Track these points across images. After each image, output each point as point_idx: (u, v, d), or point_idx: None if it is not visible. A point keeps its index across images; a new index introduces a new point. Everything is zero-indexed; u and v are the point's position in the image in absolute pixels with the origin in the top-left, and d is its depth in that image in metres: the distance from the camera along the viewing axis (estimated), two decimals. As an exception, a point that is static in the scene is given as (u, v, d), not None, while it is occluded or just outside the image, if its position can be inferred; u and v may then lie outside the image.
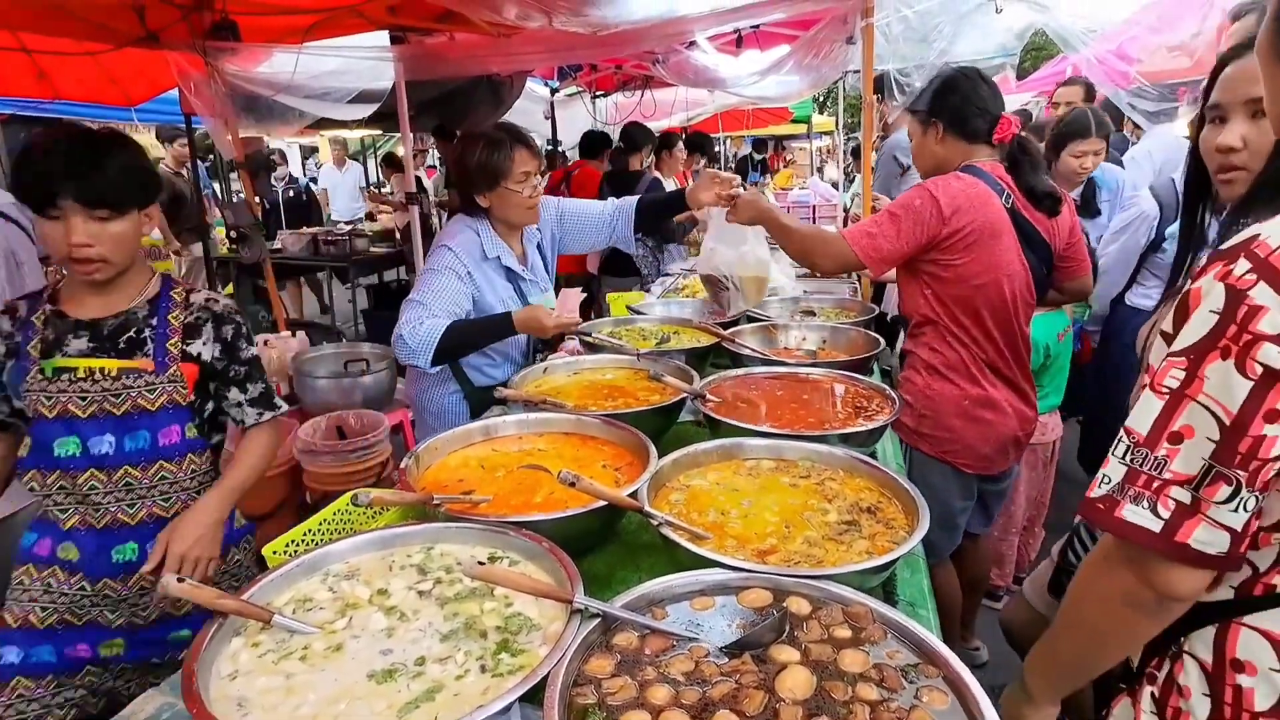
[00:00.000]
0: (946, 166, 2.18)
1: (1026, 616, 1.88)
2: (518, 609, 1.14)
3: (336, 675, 1.02)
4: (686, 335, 2.72)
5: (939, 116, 2.19)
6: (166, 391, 1.62)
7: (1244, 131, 1.20)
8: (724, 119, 10.28)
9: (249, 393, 1.77)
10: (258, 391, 1.78)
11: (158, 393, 1.61)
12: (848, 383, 2.10)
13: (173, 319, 1.66)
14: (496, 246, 2.29)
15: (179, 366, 1.64)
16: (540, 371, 2.28)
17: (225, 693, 0.98)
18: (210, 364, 1.71)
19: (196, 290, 1.74)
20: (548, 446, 1.78)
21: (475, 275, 2.24)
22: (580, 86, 7.74)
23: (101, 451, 1.59)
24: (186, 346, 1.66)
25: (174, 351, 1.63)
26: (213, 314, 1.72)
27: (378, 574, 1.25)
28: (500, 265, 2.30)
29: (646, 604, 1.11)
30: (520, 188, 2.21)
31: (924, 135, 2.24)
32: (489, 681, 0.99)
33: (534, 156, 2.24)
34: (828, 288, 3.71)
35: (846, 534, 1.35)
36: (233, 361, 1.74)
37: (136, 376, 1.58)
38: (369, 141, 14.22)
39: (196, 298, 1.73)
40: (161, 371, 1.61)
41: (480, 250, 2.27)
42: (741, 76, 5.36)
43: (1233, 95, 1.22)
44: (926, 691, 0.95)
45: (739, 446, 1.67)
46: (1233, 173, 1.23)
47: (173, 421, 1.65)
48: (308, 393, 3.42)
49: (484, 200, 2.26)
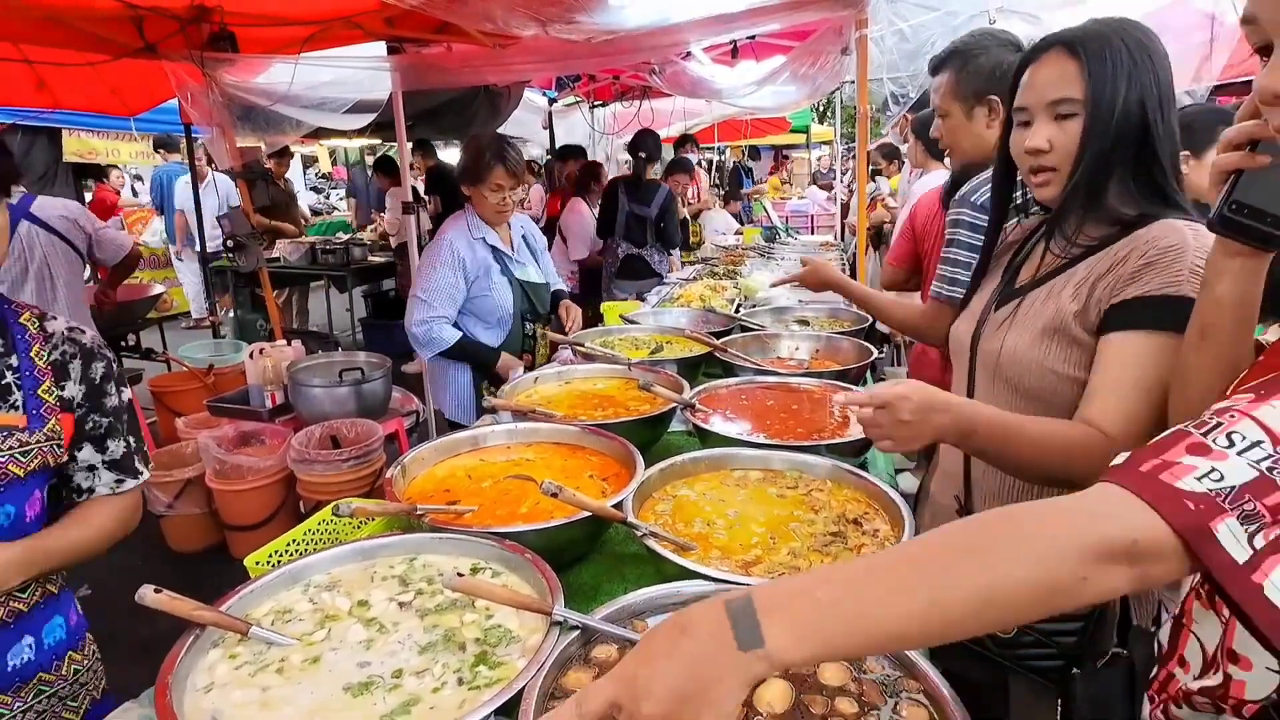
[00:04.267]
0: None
1: None
2: (498, 621, 1.13)
3: (313, 688, 1.01)
4: (679, 345, 2.72)
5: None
6: (41, 453, 1.23)
7: (1049, 134, 1.22)
8: (721, 128, 10.32)
9: (108, 452, 1.35)
10: (120, 451, 1.36)
11: (31, 455, 1.22)
12: (840, 391, 2.09)
13: (36, 357, 1.26)
14: (481, 229, 2.72)
15: (58, 419, 1.26)
16: (531, 381, 2.28)
17: (200, 705, 0.97)
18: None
19: (49, 316, 1.34)
20: (536, 457, 1.77)
21: (466, 256, 2.65)
22: (579, 96, 7.77)
23: None
24: (61, 391, 1.28)
25: (49, 400, 1.26)
26: (81, 348, 1.33)
27: (359, 585, 1.24)
28: (486, 244, 2.72)
29: (628, 616, 1.11)
30: (492, 195, 2.65)
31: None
32: (465, 694, 0.99)
33: (510, 176, 2.63)
34: (821, 297, 3.71)
35: (831, 545, 1.35)
36: (94, 410, 1.32)
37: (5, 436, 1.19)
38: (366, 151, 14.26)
39: (55, 326, 1.32)
40: (37, 427, 1.23)
41: (468, 232, 2.70)
42: (738, 87, 5.39)
43: (1036, 98, 1.23)
44: (905, 705, 0.94)
45: (727, 457, 1.67)
46: (1043, 174, 1.25)
47: (36, 488, 1.27)
48: (302, 401, 3.42)
49: (467, 190, 2.71)
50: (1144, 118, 1.17)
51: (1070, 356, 1.25)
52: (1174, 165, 1.22)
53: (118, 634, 1.85)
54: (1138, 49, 1.17)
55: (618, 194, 5.11)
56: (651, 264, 5.17)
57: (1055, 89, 1.21)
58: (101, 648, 1.50)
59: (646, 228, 5.10)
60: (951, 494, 1.49)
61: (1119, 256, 1.19)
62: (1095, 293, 1.21)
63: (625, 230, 5.12)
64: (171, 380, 4.73)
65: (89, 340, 1.35)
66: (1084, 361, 1.24)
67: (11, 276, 3.41)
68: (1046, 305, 1.28)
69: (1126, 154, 1.19)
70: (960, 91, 1.95)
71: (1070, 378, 1.25)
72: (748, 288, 3.69)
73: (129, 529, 1.40)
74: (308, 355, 3.71)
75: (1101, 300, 1.20)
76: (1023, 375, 1.30)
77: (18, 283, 3.43)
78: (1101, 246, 1.24)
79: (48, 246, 3.50)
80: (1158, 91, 1.18)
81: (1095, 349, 1.21)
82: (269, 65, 4.10)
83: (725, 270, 4.72)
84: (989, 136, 1.91)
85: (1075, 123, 1.20)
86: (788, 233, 7.06)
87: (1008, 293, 1.38)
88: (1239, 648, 0.72)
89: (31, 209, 3.47)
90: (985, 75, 1.91)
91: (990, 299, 1.42)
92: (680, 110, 8.08)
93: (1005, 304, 1.36)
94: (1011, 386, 1.33)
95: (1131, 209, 1.22)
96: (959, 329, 1.50)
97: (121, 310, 5.03)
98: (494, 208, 2.68)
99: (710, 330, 2.73)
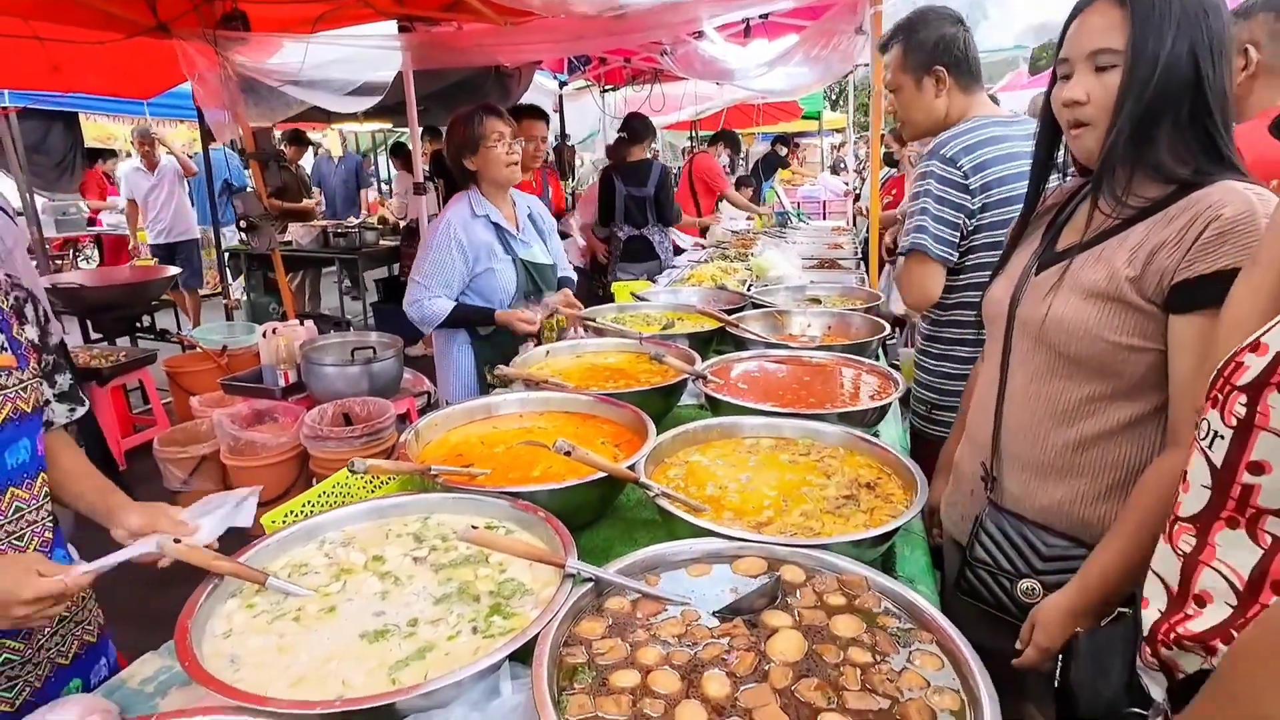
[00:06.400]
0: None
1: None
2: (511, 575, 1.14)
3: (329, 635, 1.02)
4: (691, 321, 2.71)
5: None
6: (36, 390, 1.29)
7: (1088, 86, 1.19)
8: (731, 114, 10.22)
9: (57, 385, 1.40)
10: (67, 384, 1.42)
11: (29, 392, 1.27)
12: (851, 365, 2.09)
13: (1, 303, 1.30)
14: (484, 207, 2.63)
15: (33, 358, 1.31)
16: (543, 355, 2.28)
17: (219, 649, 0.98)
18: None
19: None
20: (548, 425, 1.78)
21: (463, 237, 2.58)
22: (589, 80, 7.73)
23: None
24: (24, 333, 1.31)
25: (22, 340, 1.29)
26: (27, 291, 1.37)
27: (373, 541, 1.25)
28: (489, 222, 2.63)
29: (640, 570, 1.11)
30: (496, 146, 2.55)
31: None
32: (480, 642, 0.99)
33: (504, 123, 2.57)
34: (834, 276, 3.69)
35: (844, 507, 1.35)
36: (45, 349, 1.37)
37: (6, 375, 1.23)
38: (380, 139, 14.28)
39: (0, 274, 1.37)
40: (24, 365, 1.27)
41: (470, 210, 2.61)
42: (750, 68, 5.34)
43: (1077, 49, 1.20)
44: (920, 655, 0.94)
45: (738, 425, 1.66)
46: (1080, 128, 1.22)
47: (39, 427, 1.32)
48: (315, 380, 3.43)
49: (471, 164, 2.60)
50: (1195, 70, 1.11)
51: (1125, 324, 1.19)
52: (1227, 121, 1.16)
53: (132, 606, 1.85)
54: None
55: (612, 180, 5.10)
56: (654, 245, 5.16)
57: (1096, 39, 1.16)
58: (116, 619, 1.50)
59: (646, 207, 5.09)
60: (978, 460, 1.48)
61: (1182, 223, 1.12)
62: (1156, 261, 1.14)
63: (625, 213, 5.11)
64: (185, 361, 4.76)
65: (26, 284, 1.41)
66: (1138, 329, 1.18)
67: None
68: (1098, 269, 1.21)
69: (1175, 107, 1.13)
70: (908, 65, 2.04)
71: (1123, 345, 1.20)
72: (759, 267, 3.67)
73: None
74: (320, 336, 3.73)
75: (1166, 272, 1.13)
76: (1069, 341, 1.25)
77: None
78: (1157, 208, 1.17)
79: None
80: (1210, 43, 1.11)
81: (1155, 318, 1.16)
82: (281, 45, 4.10)
83: (736, 253, 4.70)
84: (939, 106, 2.03)
85: (1114, 75, 1.15)
86: (799, 218, 7.02)
87: (1051, 256, 1.33)
88: None
89: None
90: (930, 47, 2.00)
91: (1030, 262, 1.36)
92: (691, 95, 8.00)
93: (1048, 268, 1.31)
94: (1056, 353, 1.28)
95: (1185, 167, 1.16)
96: (995, 293, 1.44)
97: (135, 290, 5.08)
98: (503, 159, 2.55)
99: (722, 308, 2.72)
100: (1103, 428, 1.26)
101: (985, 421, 1.44)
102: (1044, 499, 1.33)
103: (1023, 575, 1.32)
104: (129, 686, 1.11)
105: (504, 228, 2.65)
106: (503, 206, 2.67)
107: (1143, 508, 1.13)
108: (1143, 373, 1.21)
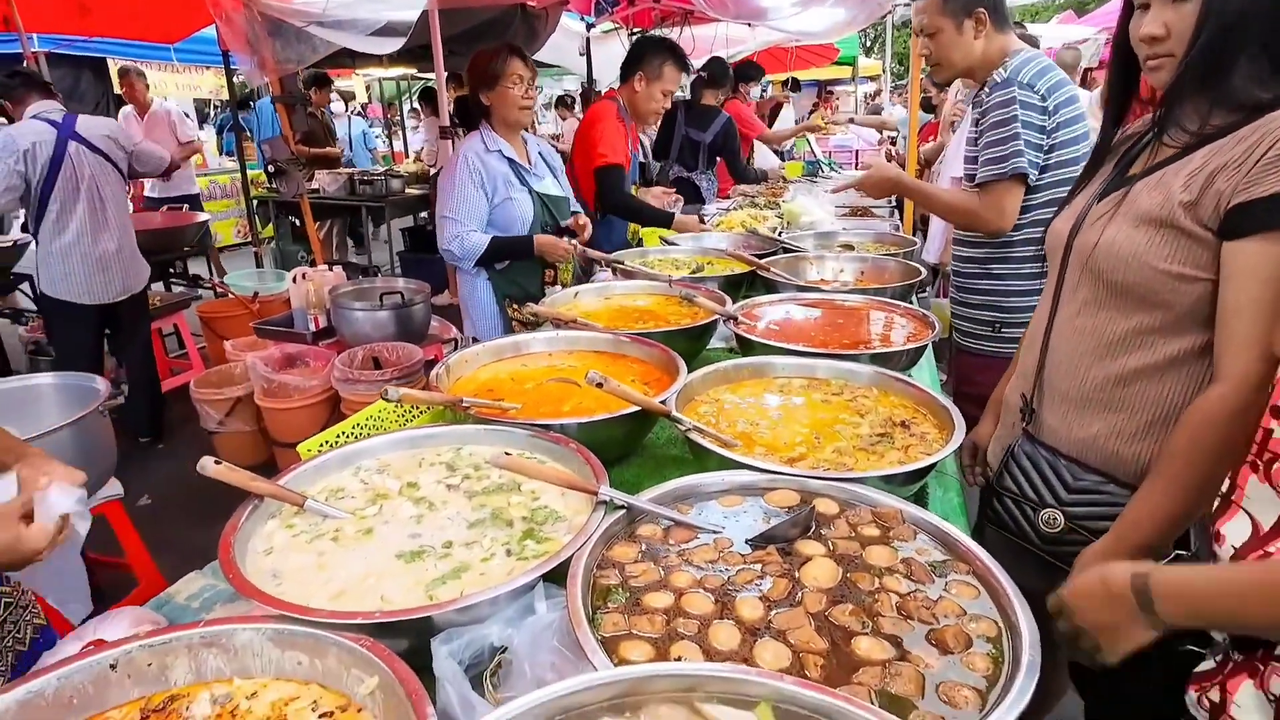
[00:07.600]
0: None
1: None
2: (544, 502, 1.15)
3: (366, 555, 1.04)
4: (720, 265, 2.67)
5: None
6: None
7: (1166, 18, 1.14)
8: (763, 58, 9.89)
9: None
10: None
11: None
12: (885, 309, 2.04)
13: None
14: (496, 142, 2.67)
15: None
16: (571, 296, 2.27)
17: (260, 566, 1.01)
18: None
19: None
20: (577, 363, 1.77)
21: (481, 168, 2.63)
22: (617, 23, 7.50)
23: None
24: None
25: None
26: None
27: (408, 469, 1.26)
28: (502, 156, 2.68)
29: (672, 500, 1.11)
30: (514, 87, 2.59)
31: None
32: (514, 564, 1.00)
33: (527, 67, 2.62)
34: (867, 223, 3.60)
35: (878, 445, 1.33)
36: None
37: None
38: (404, 86, 14.10)
39: None
40: None
41: (483, 146, 2.66)
42: (784, 7, 5.14)
43: None
44: (955, 585, 0.93)
45: (770, 365, 1.64)
46: (1159, 59, 1.17)
47: None
48: (345, 324, 3.47)
49: (486, 99, 2.65)
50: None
51: (1176, 252, 1.14)
52: None
53: (174, 541, 1.91)
54: None
55: (676, 116, 4.98)
56: (701, 189, 5.07)
57: None
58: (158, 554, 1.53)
59: (700, 153, 4.98)
60: (1019, 392, 1.45)
61: (1247, 145, 1.06)
62: (1215, 184, 1.08)
63: (679, 153, 5.01)
64: (219, 306, 4.84)
65: None
66: (1190, 258, 1.13)
67: (63, 198, 3.48)
68: (1153, 195, 1.16)
69: (1258, 31, 1.07)
70: (948, 8, 2.04)
71: (1173, 273, 1.15)
72: (791, 213, 3.59)
73: None
74: (349, 281, 3.75)
75: (1224, 194, 1.07)
76: (1117, 269, 1.20)
77: (69, 204, 3.50)
78: (1223, 133, 1.11)
79: (95, 167, 3.55)
80: None
81: (1208, 246, 1.11)
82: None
83: (767, 201, 4.60)
84: (977, 48, 2.04)
85: (1193, 4, 1.09)
86: (831, 167, 6.84)
87: (1113, 184, 1.28)
88: None
89: (77, 128, 3.51)
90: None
91: (1095, 192, 1.31)
92: (723, 38, 7.74)
93: (1109, 195, 1.26)
94: (1103, 281, 1.24)
95: (1265, 91, 1.08)
96: (1058, 225, 1.39)
97: (169, 235, 5.13)
98: (518, 103, 2.61)
99: (753, 253, 2.67)
100: (1147, 362, 1.22)
101: (1032, 354, 1.42)
102: (1080, 432, 1.31)
103: (1046, 505, 1.31)
104: (176, 602, 1.15)
105: (517, 161, 2.70)
106: (514, 144, 2.73)
107: (1187, 445, 1.10)
108: (1191, 304, 1.16)
